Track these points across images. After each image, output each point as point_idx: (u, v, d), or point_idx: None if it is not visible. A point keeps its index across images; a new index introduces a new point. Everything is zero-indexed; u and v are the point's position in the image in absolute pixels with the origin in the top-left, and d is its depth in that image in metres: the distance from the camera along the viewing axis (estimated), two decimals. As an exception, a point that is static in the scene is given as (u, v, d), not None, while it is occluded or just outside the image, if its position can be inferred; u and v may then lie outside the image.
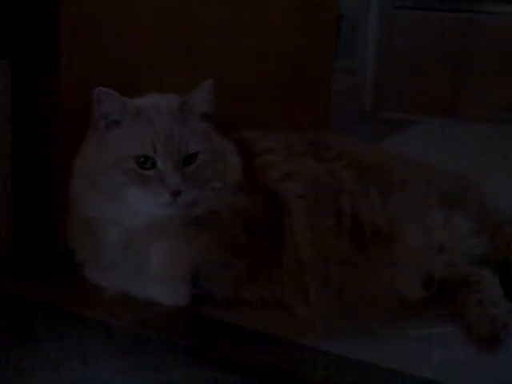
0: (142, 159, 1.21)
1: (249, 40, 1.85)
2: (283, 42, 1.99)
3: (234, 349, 1.17)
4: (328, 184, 1.35)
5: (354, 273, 1.29)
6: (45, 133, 1.43)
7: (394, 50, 3.46)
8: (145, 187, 1.21)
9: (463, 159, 2.32)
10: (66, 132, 1.40)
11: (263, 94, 1.91)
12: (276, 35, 1.95)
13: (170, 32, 1.60)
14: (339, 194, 1.34)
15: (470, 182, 1.51)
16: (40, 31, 1.38)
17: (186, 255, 1.25)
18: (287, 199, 1.31)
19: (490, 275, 1.34)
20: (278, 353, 1.17)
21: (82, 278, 1.32)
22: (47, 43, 1.38)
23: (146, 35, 1.53)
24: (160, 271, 1.25)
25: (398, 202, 1.37)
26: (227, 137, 1.36)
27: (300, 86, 2.08)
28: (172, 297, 1.27)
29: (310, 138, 1.45)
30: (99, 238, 1.27)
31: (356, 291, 1.28)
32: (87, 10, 1.40)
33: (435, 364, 1.14)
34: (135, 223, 1.25)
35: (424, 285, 1.33)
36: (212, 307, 1.27)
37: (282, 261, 1.29)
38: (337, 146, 1.44)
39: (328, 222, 1.31)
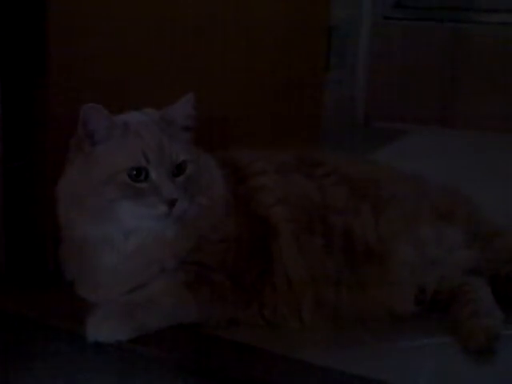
0: (135, 172, 1.19)
1: (239, 53, 1.85)
2: (274, 54, 2.00)
3: (227, 363, 1.17)
4: (319, 202, 1.34)
5: (347, 293, 1.28)
6: (35, 150, 1.42)
7: (386, 61, 3.47)
8: (139, 200, 1.19)
9: (455, 169, 2.32)
10: (55, 149, 1.39)
11: (253, 105, 1.91)
12: (267, 47, 1.96)
13: (160, 47, 1.60)
14: (330, 212, 1.33)
15: (460, 194, 1.51)
16: (29, 50, 1.37)
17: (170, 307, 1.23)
18: (276, 223, 1.30)
19: (483, 286, 1.34)
20: (270, 367, 1.16)
21: (73, 295, 1.31)
22: (36, 61, 1.37)
23: (135, 53, 1.53)
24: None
25: (390, 218, 1.36)
26: (214, 155, 1.36)
27: (291, 97, 2.09)
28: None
29: (300, 154, 1.44)
30: (92, 261, 1.25)
31: (349, 311, 1.27)
32: (76, 27, 1.39)
33: (428, 376, 1.14)
34: (128, 244, 1.24)
35: (417, 299, 1.32)
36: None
37: (275, 284, 1.27)
38: (328, 162, 1.43)
39: (318, 242, 1.30)
